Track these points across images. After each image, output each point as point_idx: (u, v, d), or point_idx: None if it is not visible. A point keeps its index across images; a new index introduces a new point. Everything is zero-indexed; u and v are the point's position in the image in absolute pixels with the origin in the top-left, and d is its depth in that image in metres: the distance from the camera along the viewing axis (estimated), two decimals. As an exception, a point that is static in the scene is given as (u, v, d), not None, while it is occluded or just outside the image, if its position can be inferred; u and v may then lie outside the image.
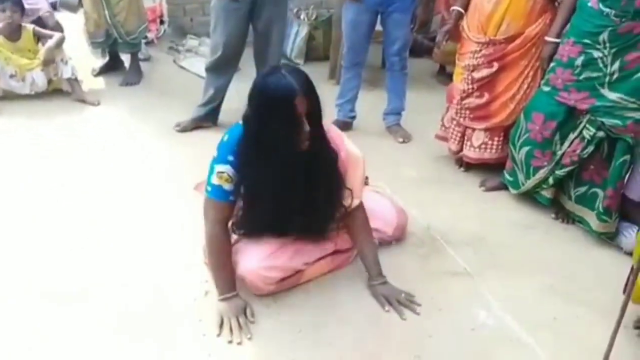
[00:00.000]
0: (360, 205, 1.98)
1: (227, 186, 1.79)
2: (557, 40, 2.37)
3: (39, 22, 3.89)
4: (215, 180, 1.79)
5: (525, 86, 2.57)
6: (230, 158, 1.77)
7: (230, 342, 1.74)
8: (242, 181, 1.78)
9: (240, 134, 1.76)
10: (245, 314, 1.83)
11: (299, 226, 1.88)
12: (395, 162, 3.03)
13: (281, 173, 1.71)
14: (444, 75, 4.30)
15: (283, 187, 1.74)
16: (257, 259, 1.86)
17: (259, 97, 1.67)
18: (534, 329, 1.84)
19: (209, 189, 1.82)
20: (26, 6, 3.72)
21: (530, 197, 2.58)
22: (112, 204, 2.49)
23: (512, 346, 1.79)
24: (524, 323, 1.87)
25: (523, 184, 2.54)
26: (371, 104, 3.57)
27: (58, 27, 3.87)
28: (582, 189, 2.39)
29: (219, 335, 1.77)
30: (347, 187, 1.88)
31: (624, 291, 1.65)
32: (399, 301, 1.92)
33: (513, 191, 2.61)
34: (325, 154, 1.80)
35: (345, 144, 1.92)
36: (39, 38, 3.62)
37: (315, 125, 1.70)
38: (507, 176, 2.63)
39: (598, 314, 1.91)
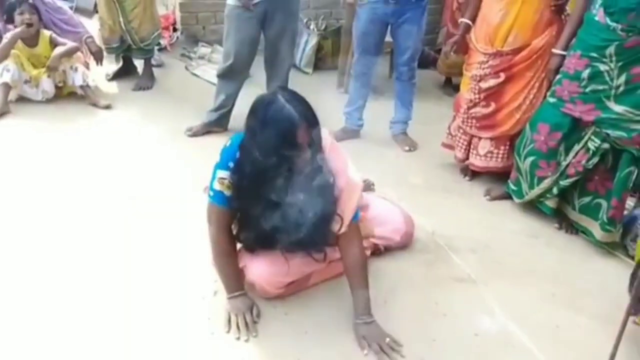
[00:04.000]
0: (357, 240, 1.89)
1: (228, 192, 1.79)
2: (563, 52, 2.41)
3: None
4: (217, 186, 1.80)
5: (531, 96, 2.62)
6: (231, 165, 1.78)
7: (237, 338, 1.78)
8: (236, 197, 1.78)
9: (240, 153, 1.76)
10: (252, 312, 1.87)
11: (290, 244, 1.81)
12: (401, 170, 3.08)
13: (274, 194, 1.68)
14: (450, 86, 4.35)
15: (274, 208, 1.71)
16: (265, 264, 1.89)
17: (261, 126, 1.65)
18: (537, 336, 1.87)
19: (212, 194, 1.83)
20: (66, 27, 3.80)
21: (534, 207, 2.61)
22: (122, 205, 2.53)
23: (515, 352, 1.81)
24: (527, 330, 1.90)
25: (527, 194, 2.57)
26: (377, 113, 3.62)
27: (100, 53, 3.91)
28: (586, 199, 2.42)
29: (228, 332, 1.81)
30: (337, 214, 1.81)
31: (629, 290, 1.67)
32: (380, 346, 1.77)
33: (517, 200, 2.65)
34: (321, 179, 1.73)
35: (348, 170, 1.84)
36: (55, 45, 3.67)
37: (314, 150, 1.69)
38: (511, 186, 2.66)
39: (600, 323, 1.93)
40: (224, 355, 1.73)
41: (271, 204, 1.70)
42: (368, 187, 2.65)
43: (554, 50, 2.47)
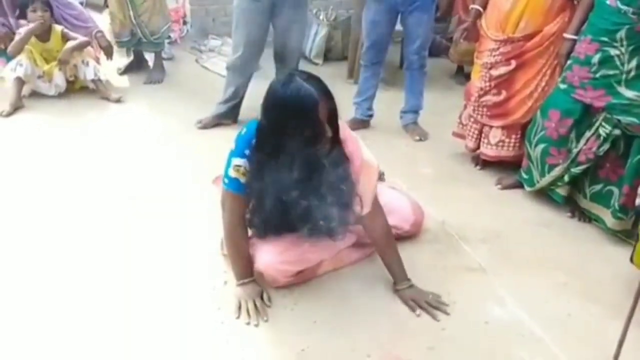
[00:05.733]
0: (379, 214, 1.95)
1: (243, 179, 1.82)
2: (574, 37, 2.37)
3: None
4: (232, 173, 1.83)
5: (543, 84, 2.58)
6: (247, 152, 1.79)
7: (247, 324, 1.81)
8: (253, 185, 1.78)
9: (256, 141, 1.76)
10: (262, 298, 1.89)
11: (308, 228, 1.80)
12: (412, 160, 3.07)
13: (295, 177, 1.68)
14: (462, 75, 4.31)
15: (293, 191, 1.72)
16: (274, 252, 1.90)
17: (280, 107, 1.65)
18: (548, 325, 1.85)
19: (227, 181, 1.85)
20: (76, 22, 3.83)
21: (545, 195, 2.59)
22: (133, 197, 2.56)
23: (525, 341, 1.80)
24: (538, 319, 1.88)
25: (538, 182, 2.54)
26: (388, 103, 3.61)
27: (110, 48, 3.94)
28: (598, 187, 2.39)
29: (237, 317, 1.83)
30: (357, 194, 1.83)
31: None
32: (428, 303, 1.91)
33: (528, 189, 2.62)
34: (339, 158, 1.76)
35: (362, 152, 1.88)
36: (67, 39, 3.71)
37: (334, 129, 1.72)
38: (522, 174, 2.64)
39: (612, 312, 1.91)
40: (233, 345, 1.74)
41: (290, 187, 1.70)
42: (378, 177, 2.65)
43: (565, 35, 2.43)
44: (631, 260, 1.92)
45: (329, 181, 1.72)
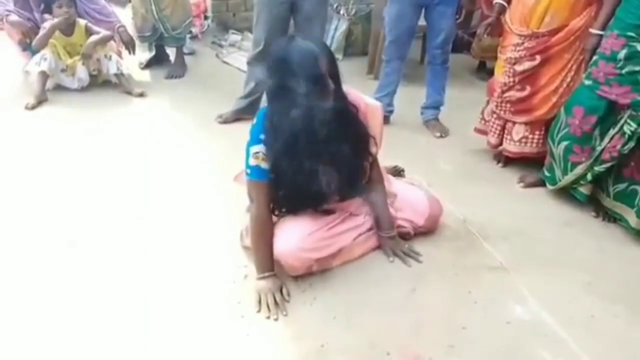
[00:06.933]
0: (375, 160, 2.07)
1: (264, 165, 1.86)
2: (601, 32, 2.32)
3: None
4: (252, 162, 1.87)
5: (568, 79, 2.53)
6: (262, 137, 1.85)
7: (267, 317, 1.82)
8: (273, 152, 1.83)
9: (266, 112, 1.85)
10: (281, 292, 1.90)
11: (334, 185, 1.88)
12: (432, 156, 3.04)
13: (310, 133, 1.75)
14: (484, 71, 4.26)
15: (313, 146, 1.78)
16: (292, 239, 1.92)
17: (284, 65, 1.74)
18: (571, 326, 1.82)
19: (249, 171, 1.89)
20: (99, 16, 3.89)
21: (568, 194, 2.54)
22: (155, 191, 2.58)
23: (548, 341, 1.77)
24: (561, 319, 1.85)
25: (560, 180, 2.50)
26: (408, 99, 3.58)
27: (132, 42, 3.97)
28: (622, 186, 2.33)
29: (258, 311, 1.84)
30: (371, 136, 1.97)
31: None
32: (403, 252, 2.11)
33: (550, 187, 2.58)
34: (347, 108, 1.87)
35: (362, 97, 2.01)
36: (90, 34, 3.76)
37: (336, 82, 1.80)
38: (545, 172, 2.60)
39: (637, 313, 1.88)
40: (253, 338, 1.75)
41: (309, 143, 1.76)
42: (398, 172, 2.64)
43: (591, 30, 2.38)
44: None
45: (342, 129, 1.81)
